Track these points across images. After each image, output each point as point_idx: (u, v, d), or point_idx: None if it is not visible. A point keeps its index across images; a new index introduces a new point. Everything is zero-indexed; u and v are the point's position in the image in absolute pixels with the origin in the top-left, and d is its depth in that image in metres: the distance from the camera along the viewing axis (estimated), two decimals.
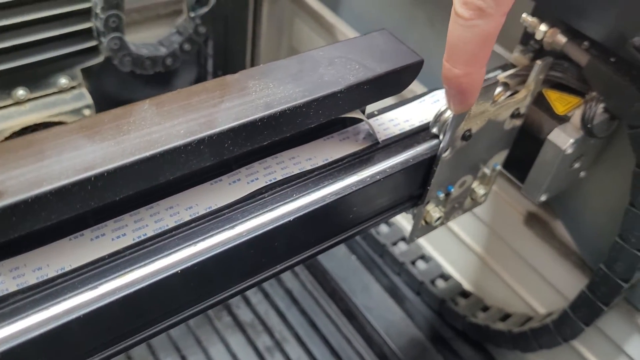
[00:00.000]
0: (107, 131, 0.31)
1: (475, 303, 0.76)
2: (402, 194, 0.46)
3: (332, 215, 0.41)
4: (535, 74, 0.46)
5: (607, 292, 0.54)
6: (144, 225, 0.36)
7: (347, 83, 0.37)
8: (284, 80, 0.36)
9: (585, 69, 0.48)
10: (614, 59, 0.46)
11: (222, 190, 0.39)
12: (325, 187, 0.40)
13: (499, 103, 0.45)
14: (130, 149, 0.30)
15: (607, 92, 0.47)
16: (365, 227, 0.45)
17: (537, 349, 0.65)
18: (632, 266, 0.51)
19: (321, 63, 0.38)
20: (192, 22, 0.76)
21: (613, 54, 0.46)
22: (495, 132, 0.47)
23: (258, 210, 0.38)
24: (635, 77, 0.45)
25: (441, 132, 0.44)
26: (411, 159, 0.43)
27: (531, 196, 0.52)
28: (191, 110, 0.33)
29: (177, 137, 0.31)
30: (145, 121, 0.32)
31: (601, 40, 0.46)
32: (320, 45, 0.47)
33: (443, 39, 0.35)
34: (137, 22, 0.78)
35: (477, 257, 0.75)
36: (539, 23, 0.50)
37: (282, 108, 0.34)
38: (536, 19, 0.50)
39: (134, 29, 0.78)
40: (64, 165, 0.29)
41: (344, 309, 0.83)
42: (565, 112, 0.49)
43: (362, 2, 0.76)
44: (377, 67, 0.38)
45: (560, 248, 0.64)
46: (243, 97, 0.35)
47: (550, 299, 0.68)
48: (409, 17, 0.70)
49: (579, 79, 0.49)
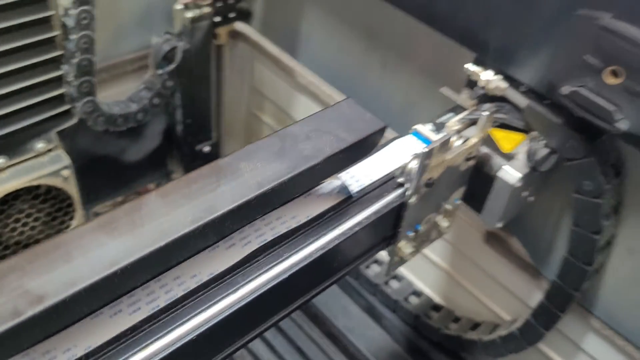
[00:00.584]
0: (124, 226, 0.36)
1: (447, 315, 0.82)
2: (377, 238, 0.51)
3: (319, 266, 0.46)
4: (481, 126, 0.52)
5: (562, 301, 0.61)
6: (156, 297, 0.40)
7: (324, 155, 0.42)
8: (269, 159, 0.41)
9: (524, 111, 0.55)
10: (549, 101, 0.53)
11: (220, 256, 0.44)
12: (312, 244, 0.45)
13: (454, 151, 0.51)
14: (147, 241, 0.35)
15: (545, 131, 0.54)
16: (349, 271, 0.51)
17: (507, 354, 0.71)
18: (581, 277, 0.58)
19: (299, 138, 0.43)
20: (160, 78, 0.80)
21: (547, 98, 0.53)
22: (453, 175, 0.53)
23: (255, 272, 0.43)
24: (568, 117, 0.52)
25: (407, 181, 0.50)
26: (382, 208, 0.49)
27: (489, 224, 0.59)
28: (193, 198, 0.38)
29: (184, 225, 0.36)
30: (155, 212, 0.37)
31: (535, 87, 0.53)
32: (280, 86, 0.52)
33: (396, 80, 0.41)
34: (105, 80, 0.81)
35: (445, 273, 0.82)
36: (481, 71, 0.57)
37: (271, 186, 0.39)
38: (479, 68, 0.57)
39: (102, 88, 0.81)
40: (92, 264, 0.33)
41: (326, 331, 0.89)
42: (511, 150, 0.56)
43: (319, 48, 0.82)
44: (347, 136, 0.44)
45: (517, 261, 0.71)
46: (236, 179, 0.40)
47: (513, 306, 0.74)
48: (363, 61, 0.76)
49: (520, 119, 0.56)
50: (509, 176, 0.54)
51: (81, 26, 0.66)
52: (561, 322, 0.65)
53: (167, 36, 0.78)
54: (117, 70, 0.81)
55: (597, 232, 0.55)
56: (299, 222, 0.47)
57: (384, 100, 0.75)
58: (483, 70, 0.57)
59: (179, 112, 0.86)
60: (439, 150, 0.48)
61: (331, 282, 0.50)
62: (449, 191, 0.55)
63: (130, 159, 0.90)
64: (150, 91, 0.80)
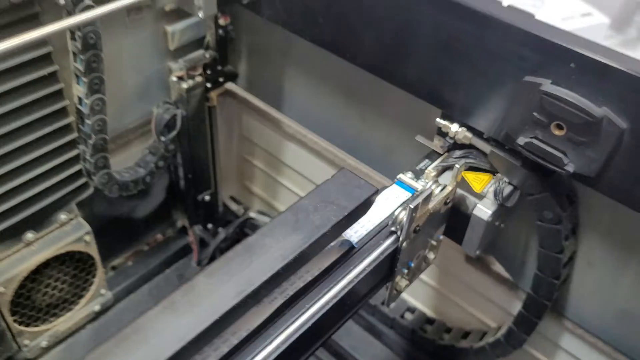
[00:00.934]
0: (184, 306, 0.44)
1: (440, 327, 0.92)
2: (378, 279, 0.61)
3: (334, 310, 0.55)
4: (455, 175, 0.62)
5: (538, 310, 0.71)
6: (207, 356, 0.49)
7: (331, 223, 0.51)
8: (288, 233, 0.50)
9: (489, 156, 0.65)
10: (508, 147, 0.64)
11: (252, 313, 0.53)
12: (327, 293, 0.54)
13: (434, 200, 0.61)
14: (204, 316, 0.44)
15: (507, 172, 0.64)
16: (359, 308, 0.60)
17: (495, 358, 0.82)
18: (551, 289, 0.69)
19: (309, 210, 0.53)
20: (163, 143, 0.88)
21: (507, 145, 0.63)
22: (436, 218, 0.63)
23: (284, 323, 0.52)
24: (525, 160, 0.62)
25: (398, 230, 0.59)
26: (380, 255, 0.58)
27: (469, 252, 0.69)
28: (233, 274, 0.47)
29: (230, 299, 0.45)
30: (206, 291, 0.46)
31: (496, 137, 0.63)
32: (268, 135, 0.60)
33: (375, 130, 0.49)
34: (112, 149, 0.89)
35: (434, 290, 0.92)
36: (450, 124, 0.67)
37: (293, 256, 0.49)
38: (447, 122, 0.67)
39: (110, 155, 0.89)
40: (164, 341, 0.42)
41: (333, 352, 0.98)
42: (481, 189, 0.66)
43: (302, 102, 0.91)
44: (348, 204, 0.53)
45: (496, 276, 0.81)
46: (265, 254, 0.49)
47: (496, 315, 0.85)
48: (344, 114, 0.85)
49: (487, 162, 0.66)
50: (482, 213, 0.64)
51: (95, 111, 0.74)
52: (539, 326, 0.76)
53: (166, 106, 0.87)
54: (122, 140, 0.89)
55: (560, 252, 0.65)
56: (313, 276, 0.56)
57: (365, 147, 0.85)
58: (451, 123, 0.67)
59: (180, 170, 0.95)
60: (422, 204, 0.58)
61: (345, 320, 0.59)
62: (433, 230, 0.65)
63: (140, 215, 0.98)
64: (155, 155, 0.89)
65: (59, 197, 0.80)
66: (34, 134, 0.73)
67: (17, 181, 0.74)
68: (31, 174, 0.75)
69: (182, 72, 0.85)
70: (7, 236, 0.78)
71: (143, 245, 1.04)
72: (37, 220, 0.80)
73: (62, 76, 0.74)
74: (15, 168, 0.74)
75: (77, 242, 0.84)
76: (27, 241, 0.80)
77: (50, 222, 0.82)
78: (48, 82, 0.72)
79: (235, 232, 1.07)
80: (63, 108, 0.75)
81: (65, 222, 0.83)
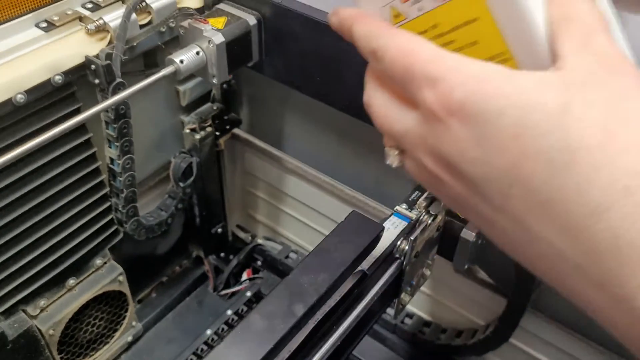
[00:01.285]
0: (247, 336, 0.56)
1: (436, 329, 1.05)
2: (387, 298, 0.73)
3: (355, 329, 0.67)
4: (443, 205, 0.75)
5: (518, 310, 0.85)
6: None
7: (350, 260, 0.63)
8: (318, 271, 0.62)
9: None
10: None
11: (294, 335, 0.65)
12: (349, 316, 0.66)
13: (428, 230, 0.73)
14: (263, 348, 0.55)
15: None
16: (372, 324, 0.72)
17: (487, 351, 0.95)
18: (529, 292, 0.82)
19: (330, 250, 0.64)
20: (181, 188, 0.99)
21: None
22: (430, 243, 0.75)
23: (319, 344, 0.63)
24: None
25: (401, 256, 0.72)
26: (389, 279, 0.71)
27: (459, 267, 0.81)
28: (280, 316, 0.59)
29: (280, 331, 0.57)
30: (261, 327, 0.57)
31: None
32: (270, 170, 0.71)
33: (367, 165, 0.60)
34: None
35: (429, 297, 1.05)
36: None
37: (324, 290, 0.61)
38: None
39: None
40: None
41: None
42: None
43: (301, 143, 1.03)
44: (362, 241, 0.65)
45: (481, 281, 0.94)
46: (301, 293, 0.60)
47: (484, 314, 0.98)
48: (338, 151, 0.98)
49: None
50: (468, 235, 0.77)
51: (126, 169, 0.85)
52: (522, 322, 0.89)
53: (182, 155, 0.98)
54: (143, 187, 0.99)
55: None
56: (335, 301, 0.68)
57: (361, 179, 0.97)
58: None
59: (196, 209, 1.06)
60: (420, 235, 0.70)
61: (364, 335, 0.71)
62: (429, 252, 0.78)
63: (161, 252, 1.09)
64: (175, 199, 0.99)
65: (95, 245, 0.90)
66: (73, 194, 0.84)
67: (60, 236, 0.85)
68: (71, 228, 0.86)
69: (195, 125, 0.96)
70: (53, 284, 0.88)
71: (164, 277, 1.14)
72: (77, 267, 0.90)
73: (94, 140, 0.84)
74: (57, 225, 0.84)
75: (112, 283, 0.94)
76: (69, 287, 0.90)
77: (88, 268, 0.92)
78: (83, 149, 0.82)
79: (245, 257, 1.18)
80: (96, 168, 0.85)
81: (100, 266, 0.93)
